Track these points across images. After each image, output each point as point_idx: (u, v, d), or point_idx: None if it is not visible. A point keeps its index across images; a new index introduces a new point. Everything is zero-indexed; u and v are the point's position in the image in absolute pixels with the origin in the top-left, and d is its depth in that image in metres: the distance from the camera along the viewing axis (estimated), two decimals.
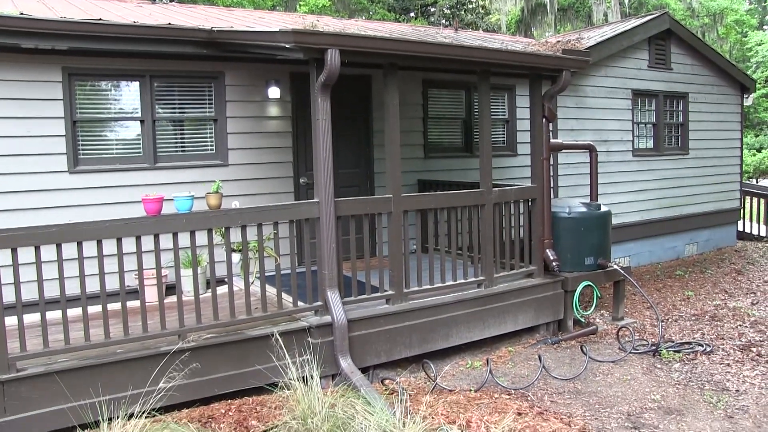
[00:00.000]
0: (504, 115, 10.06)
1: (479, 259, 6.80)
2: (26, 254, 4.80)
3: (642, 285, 9.38)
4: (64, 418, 4.71)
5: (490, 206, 6.79)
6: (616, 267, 7.69)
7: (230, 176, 7.47)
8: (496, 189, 6.90)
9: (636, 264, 11.30)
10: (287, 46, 5.39)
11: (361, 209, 6.06)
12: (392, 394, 5.52)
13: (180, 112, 7.41)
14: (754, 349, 6.86)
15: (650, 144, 11.91)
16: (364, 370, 5.76)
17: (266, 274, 5.71)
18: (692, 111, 12.39)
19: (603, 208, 7.80)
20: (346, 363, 5.61)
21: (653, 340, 7.17)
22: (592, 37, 10.98)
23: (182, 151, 7.40)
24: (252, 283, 5.81)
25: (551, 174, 7.70)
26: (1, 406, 4.59)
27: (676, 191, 12.11)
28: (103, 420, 4.35)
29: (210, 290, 5.44)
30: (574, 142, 9.04)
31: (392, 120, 6.11)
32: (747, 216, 14.54)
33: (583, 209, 7.66)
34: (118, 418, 4.34)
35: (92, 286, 5.10)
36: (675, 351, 6.79)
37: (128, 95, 7.13)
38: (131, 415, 4.41)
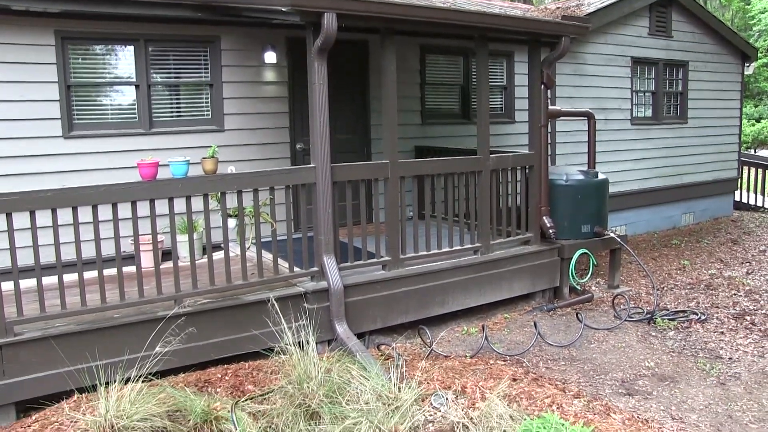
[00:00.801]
0: (502, 82, 9.98)
1: (476, 225, 6.80)
2: (21, 219, 4.77)
3: (638, 253, 9.40)
4: (62, 381, 4.73)
5: (487, 173, 6.76)
6: (612, 235, 7.69)
7: (226, 142, 7.41)
8: (494, 155, 6.87)
9: (632, 233, 11.31)
10: (284, 9, 5.31)
11: (357, 174, 6.03)
12: (388, 359, 5.55)
13: (175, 77, 7.32)
14: (748, 318, 6.91)
15: (649, 113, 11.85)
16: (360, 336, 5.79)
17: (262, 240, 5.69)
18: (692, 80, 12.30)
19: (600, 176, 7.78)
20: (342, 328, 5.63)
21: (648, 308, 7.20)
22: (592, 3, 10.83)
23: (178, 116, 7.33)
24: (248, 248, 5.81)
25: (549, 142, 7.66)
26: (0, 369, 4.61)
27: (674, 160, 12.08)
28: (100, 384, 4.35)
29: (206, 256, 5.43)
30: (573, 110, 8.98)
31: (389, 85, 6.05)
32: (744, 186, 14.54)
33: (581, 177, 7.64)
34: (115, 382, 4.35)
35: (88, 251, 5.08)
36: (670, 319, 6.84)
37: (123, 60, 7.04)
38: (128, 380, 4.42)
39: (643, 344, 6.26)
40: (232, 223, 5.90)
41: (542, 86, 7.22)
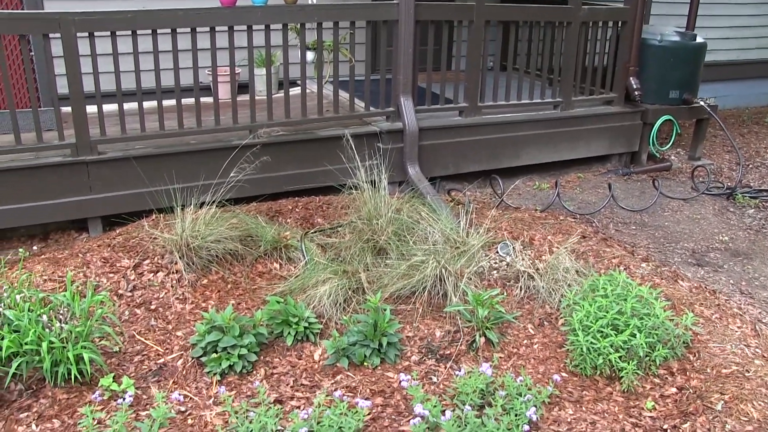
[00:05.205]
0: None
1: (558, 81, 6.52)
2: (102, 44, 4.77)
3: (726, 128, 8.91)
4: (142, 201, 4.94)
5: (577, 24, 6.37)
6: (702, 104, 7.26)
7: None
8: (586, 6, 6.44)
9: (721, 106, 10.63)
10: None
11: (442, 15, 5.75)
12: (458, 205, 5.56)
13: None
14: None
15: None
16: (431, 180, 5.76)
17: (339, 79, 5.60)
18: None
19: (699, 40, 7.23)
20: (414, 170, 5.62)
21: (729, 183, 6.91)
22: None
23: None
24: (324, 84, 5.73)
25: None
26: (87, 185, 4.84)
27: None
28: (177, 205, 4.52)
29: (282, 91, 5.40)
30: None
31: None
32: None
33: (677, 38, 7.12)
34: (190, 205, 4.50)
35: (166, 81, 5.08)
36: (751, 197, 6.55)
37: None
38: (202, 204, 4.57)
39: (719, 218, 6.06)
40: (310, 56, 5.79)
41: None
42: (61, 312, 3.37)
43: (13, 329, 3.25)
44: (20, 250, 4.31)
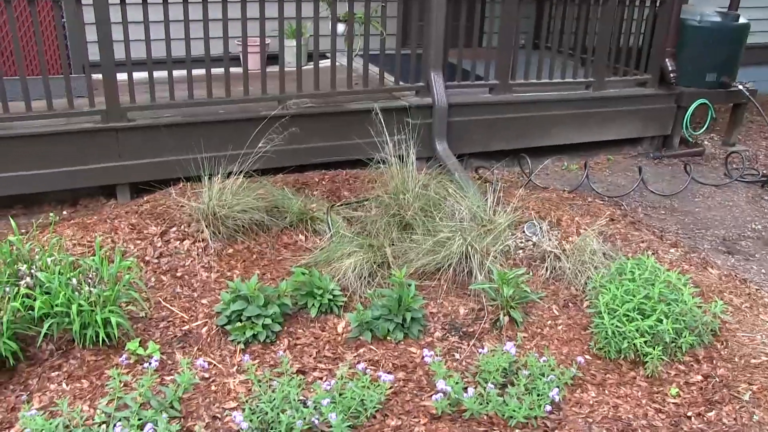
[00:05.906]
0: None
1: (591, 61, 6.42)
2: (133, 12, 4.77)
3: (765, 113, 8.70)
4: (170, 169, 4.95)
5: (613, 2, 6.23)
6: (741, 88, 7.09)
7: None
8: None
9: (760, 91, 10.33)
10: None
11: None
12: (485, 183, 5.52)
13: None
14: None
15: None
16: (459, 158, 5.72)
17: (370, 52, 5.56)
18: None
19: (741, 21, 7.02)
20: (442, 147, 5.59)
21: (765, 171, 6.75)
22: None
23: None
24: (354, 56, 5.69)
25: None
26: (116, 151, 4.87)
27: None
28: (204, 174, 4.53)
29: (312, 63, 5.38)
30: None
31: None
32: None
33: (717, 19, 6.92)
34: (218, 174, 4.51)
35: (196, 50, 5.07)
36: None
37: None
38: (229, 174, 4.57)
39: (753, 206, 5.94)
40: (341, 28, 5.75)
41: None
42: (90, 276, 3.42)
43: (45, 291, 3.31)
44: (51, 214, 4.36)
